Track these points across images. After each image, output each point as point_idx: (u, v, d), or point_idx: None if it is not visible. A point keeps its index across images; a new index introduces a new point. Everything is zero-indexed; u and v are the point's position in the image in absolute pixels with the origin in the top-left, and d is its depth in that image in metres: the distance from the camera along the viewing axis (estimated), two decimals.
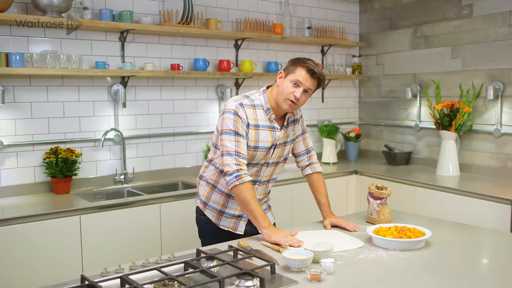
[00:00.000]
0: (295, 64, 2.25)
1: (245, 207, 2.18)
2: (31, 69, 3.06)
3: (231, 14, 4.10)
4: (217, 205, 2.38)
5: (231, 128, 2.20)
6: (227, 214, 2.38)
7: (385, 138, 4.79)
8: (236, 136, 2.19)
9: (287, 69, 2.27)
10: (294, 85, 2.22)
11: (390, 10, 4.65)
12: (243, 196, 2.15)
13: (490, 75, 3.85)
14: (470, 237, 2.26)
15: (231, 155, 2.17)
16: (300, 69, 2.22)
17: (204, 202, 2.41)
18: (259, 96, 2.32)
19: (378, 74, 4.81)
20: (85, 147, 3.48)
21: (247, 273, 1.68)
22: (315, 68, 2.21)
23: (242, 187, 2.15)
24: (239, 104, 2.24)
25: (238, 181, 2.15)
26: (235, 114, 2.21)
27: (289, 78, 2.24)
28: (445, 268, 1.83)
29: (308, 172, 2.53)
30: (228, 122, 2.21)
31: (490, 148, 3.89)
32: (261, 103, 2.30)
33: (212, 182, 2.38)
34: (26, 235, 2.75)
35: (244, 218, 2.38)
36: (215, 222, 2.39)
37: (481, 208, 3.27)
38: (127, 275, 1.67)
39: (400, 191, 3.79)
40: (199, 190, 2.47)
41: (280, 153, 2.38)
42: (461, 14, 4.04)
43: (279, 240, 2.07)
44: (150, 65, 3.57)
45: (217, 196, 2.37)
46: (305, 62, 2.23)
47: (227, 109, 2.23)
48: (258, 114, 2.28)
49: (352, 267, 1.84)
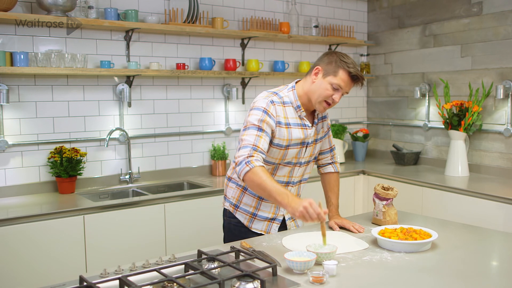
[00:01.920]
0: (337, 65, 2.11)
1: (262, 192, 1.98)
2: (36, 69, 3.05)
3: (237, 13, 4.07)
4: (250, 208, 2.29)
5: (255, 123, 2.09)
6: (260, 216, 2.30)
7: (393, 138, 4.74)
8: (259, 131, 2.07)
9: (325, 67, 2.14)
10: (334, 89, 2.13)
11: (399, 8, 4.59)
12: (256, 181, 1.96)
13: (500, 74, 3.79)
14: (478, 239, 2.21)
15: (246, 147, 2.03)
16: (343, 73, 2.11)
17: (234, 205, 2.32)
18: (287, 93, 2.22)
19: (387, 73, 4.76)
20: (90, 146, 3.47)
21: (248, 275, 1.64)
22: (357, 73, 2.11)
23: (253, 172, 1.97)
24: (270, 101, 2.14)
25: (248, 166, 1.98)
26: (264, 111, 2.11)
27: (329, 79, 2.12)
28: (452, 271, 1.79)
29: (329, 170, 2.48)
30: (254, 117, 2.10)
31: (500, 148, 3.83)
32: (290, 100, 2.20)
33: (242, 184, 2.27)
34: (30, 235, 2.74)
35: (277, 220, 2.32)
36: (247, 225, 2.30)
37: (490, 209, 3.21)
38: (126, 276, 1.64)
39: (408, 191, 3.74)
40: (227, 192, 2.36)
41: (311, 151, 2.31)
42: (471, 12, 3.98)
43: (302, 216, 1.86)
44: (156, 64, 3.55)
45: (249, 199, 2.29)
46: (348, 66, 2.10)
47: (257, 106, 2.13)
48: (288, 112, 2.19)
49: (355, 270, 1.80)
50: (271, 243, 2.12)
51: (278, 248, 2.06)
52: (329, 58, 2.16)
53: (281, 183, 2.26)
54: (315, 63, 2.21)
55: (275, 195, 1.94)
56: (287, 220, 2.39)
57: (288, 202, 1.91)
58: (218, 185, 3.52)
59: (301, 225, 2.47)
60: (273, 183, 1.96)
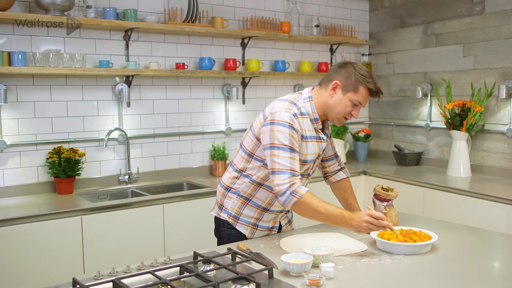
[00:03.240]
0: (357, 80, 2.05)
1: (316, 218, 1.98)
2: (34, 68, 3.03)
3: (238, 12, 4.04)
4: (251, 219, 2.20)
5: (285, 143, 1.96)
6: (262, 227, 2.23)
7: (395, 138, 4.70)
8: (291, 152, 1.97)
9: (345, 82, 2.07)
10: (354, 105, 2.08)
11: (401, 7, 4.56)
12: (306, 210, 1.94)
13: (503, 74, 3.75)
14: (480, 241, 2.17)
15: (283, 173, 1.95)
16: (363, 90, 2.06)
17: (234, 216, 2.20)
18: (304, 103, 2.10)
19: (388, 73, 4.72)
20: (89, 147, 3.45)
21: (243, 277, 1.62)
22: (378, 89, 2.07)
23: (302, 201, 1.93)
24: (293, 114, 2.02)
25: (295, 197, 1.93)
26: (290, 127, 1.98)
27: (349, 96, 2.06)
28: (452, 274, 1.75)
29: (341, 176, 2.40)
30: (281, 136, 1.97)
31: (503, 148, 3.78)
32: (307, 111, 2.09)
33: (245, 195, 2.17)
34: (28, 235, 2.72)
35: (275, 228, 2.27)
36: (248, 236, 2.21)
37: (492, 211, 3.17)
38: (119, 279, 1.62)
39: (409, 192, 3.70)
40: (224, 202, 2.23)
41: (318, 162, 2.26)
42: (473, 11, 3.94)
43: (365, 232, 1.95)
44: (155, 64, 3.53)
45: (251, 210, 2.19)
46: (368, 81, 2.05)
47: (280, 121, 1.99)
48: (305, 124, 2.08)
49: (353, 272, 1.77)
50: (268, 245, 2.09)
51: (275, 249, 2.03)
52: (347, 71, 2.08)
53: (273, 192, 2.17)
54: (332, 76, 2.12)
55: (332, 219, 1.96)
56: (284, 226, 2.35)
57: (347, 222, 1.95)
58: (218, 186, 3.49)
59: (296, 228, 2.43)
60: (325, 206, 1.96)
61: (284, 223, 2.34)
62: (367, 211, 1.95)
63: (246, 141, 2.16)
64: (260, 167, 2.11)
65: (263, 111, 2.13)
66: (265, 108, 2.13)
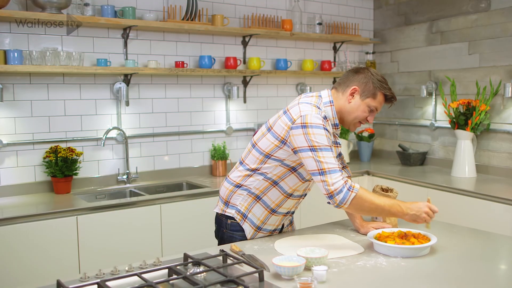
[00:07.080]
0: (375, 87, 2.08)
1: (372, 212, 1.99)
2: (30, 67, 3.00)
3: (238, 10, 3.99)
4: (256, 220, 2.14)
5: (326, 144, 1.95)
6: (264, 230, 2.18)
7: (399, 138, 4.62)
8: (332, 152, 1.97)
9: (363, 88, 2.09)
10: (370, 110, 2.12)
11: (405, 5, 4.48)
12: (364, 204, 1.94)
13: (509, 72, 3.66)
14: (482, 243, 2.09)
15: (335, 172, 1.93)
16: (381, 96, 2.11)
17: (243, 214, 2.13)
18: (325, 108, 2.08)
19: (393, 72, 4.65)
20: (86, 146, 3.41)
21: (232, 280, 1.56)
22: (394, 95, 2.14)
23: (360, 196, 1.93)
24: (323, 117, 2.00)
25: (353, 192, 1.92)
26: (325, 129, 1.97)
27: (367, 102, 2.09)
28: (450, 277, 1.69)
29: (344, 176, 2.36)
30: (320, 137, 1.95)
31: (509, 148, 3.70)
32: (328, 116, 2.07)
33: (257, 192, 2.11)
34: (24, 235, 2.69)
35: (277, 230, 2.22)
36: (249, 238, 2.16)
37: (498, 212, 3.09)
38: (104, 281, 1.57)
39: (413, 193, 3.62)
40: (232, 199, 2.16)
41: None
42: (479, 8, 3.86)
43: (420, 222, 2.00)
44: (154, 62, 3.49)
45: (259, 209, 2.13)
46: (385, 88, 2.10)
47: (314, 124, 1.96)
48: (330, 128, 2.05)
49: (347, 275, 1.70)
50: (262, 246, 2.03)
51: (269, 251, 1.97)
52: (365, 77, 2.10)
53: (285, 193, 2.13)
54: (349, 82, 2.11)
55: (388, 210, 1.98)
56: (286, 227, 2.29)
57: (402, 211, 1.98)
58: (218, 186, 3.44)
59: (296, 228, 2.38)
60: (379, 198, 1.99)
61: (286, 224, 2.29)
62: (427, 203, 2.01)
63: (262, 143, 2.09)
64: (278, 166, 2.06)
65: (285, 114, 2.05)
66: (288, 111, 2.05)
